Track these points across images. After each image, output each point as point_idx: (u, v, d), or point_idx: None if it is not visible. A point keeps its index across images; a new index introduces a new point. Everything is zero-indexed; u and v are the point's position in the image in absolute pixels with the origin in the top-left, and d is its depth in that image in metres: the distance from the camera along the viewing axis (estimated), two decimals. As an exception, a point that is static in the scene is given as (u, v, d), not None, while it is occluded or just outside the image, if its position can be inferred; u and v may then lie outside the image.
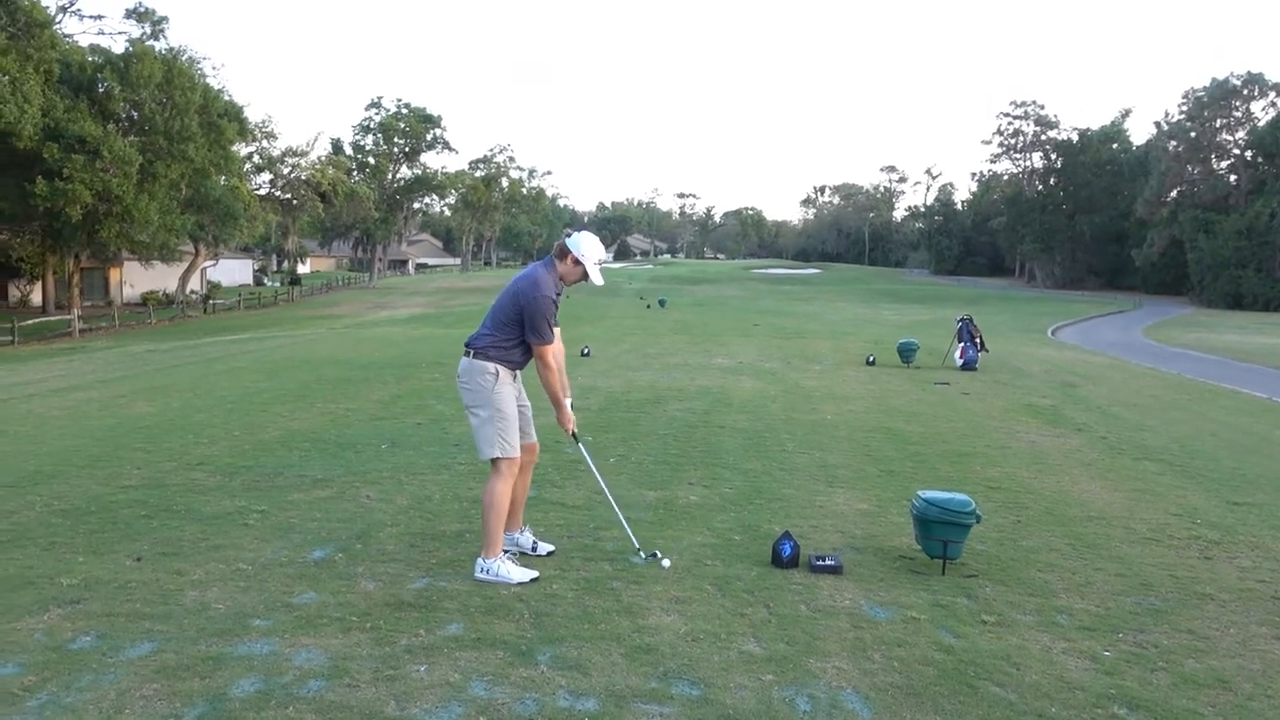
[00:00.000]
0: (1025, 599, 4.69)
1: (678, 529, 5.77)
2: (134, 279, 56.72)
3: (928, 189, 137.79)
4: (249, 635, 3.91)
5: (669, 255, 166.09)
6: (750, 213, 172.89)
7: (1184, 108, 76.76)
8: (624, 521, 5.24)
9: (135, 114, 43.59)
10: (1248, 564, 5.50)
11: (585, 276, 4.81)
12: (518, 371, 4.87)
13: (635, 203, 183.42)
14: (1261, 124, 72.01)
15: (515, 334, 4.74)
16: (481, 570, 4.67)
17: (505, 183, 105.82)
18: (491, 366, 4.70)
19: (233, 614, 4.16)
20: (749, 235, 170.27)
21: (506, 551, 4.85)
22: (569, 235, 4.89)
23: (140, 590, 4.46)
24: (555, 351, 4.80)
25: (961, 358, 17.70)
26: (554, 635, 3.99)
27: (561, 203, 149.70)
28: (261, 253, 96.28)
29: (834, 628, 4.19)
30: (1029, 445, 9.49)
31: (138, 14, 46.24)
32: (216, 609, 4.22)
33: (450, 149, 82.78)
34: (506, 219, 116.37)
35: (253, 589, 4.50)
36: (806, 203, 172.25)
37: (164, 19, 46.50)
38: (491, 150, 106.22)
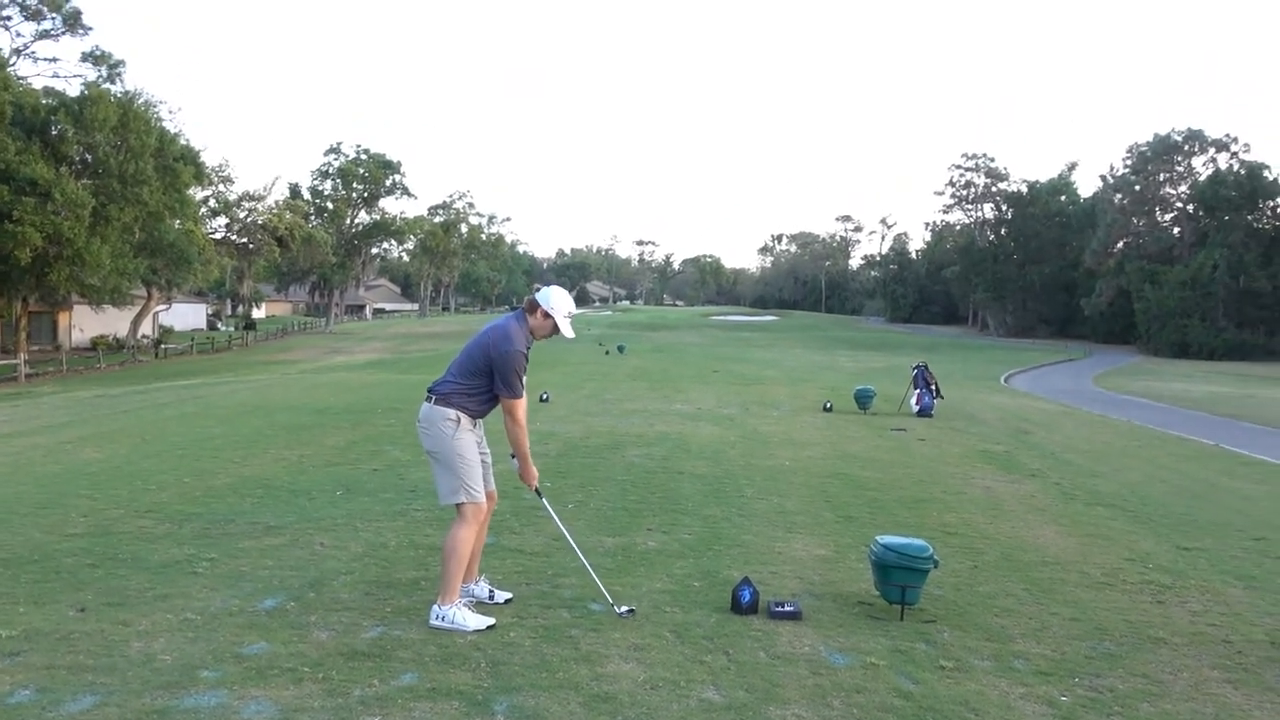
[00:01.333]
0: (982, 644, 4.71)
1: (636, 575, 5.73)
2: (84, 323, 55.61)
3: (883, 238, 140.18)
4: (196, 687, 3.80)
5: (628, 302, 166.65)
6: (709, 260, 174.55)
7: (1128, 162, 79.14)
8: (596, 579, 5.14)
9: (89, 157, 43.17)
10: (1198, 608, 5.57)
11: (556, 330, 4.87)
12: (479, 420, 4.85)
13: (594, 250, 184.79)
14: (1202, 178, 74.38)
15: (479, 384, 4.73)
16: (437, 617, 4.60)
17: (464, 229, 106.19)
18: (452, 413, 4.69)
19: (180, 665, 4.04)
20: (707, 282, 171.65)
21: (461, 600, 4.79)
22: (538, 290, 4.93)
23: (83, 641, 4.33)
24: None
25: (917, 404, 17.90)
26: (511, 684, 3.92)
27: (521, 249, 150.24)
28: (216, 297, 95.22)
29: (793, 674, 4.17)
30: (984, 491, 9.59)
31: (94, 57, 46.17)
32: (163, 660, 4.10)
33: (409, 195, 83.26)
34: (465, 265, 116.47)
35: (201, 639, 4.38)
36: (764, 251, 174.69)
37: (121, 62, 46.52)
38: (451, 196, 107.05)
